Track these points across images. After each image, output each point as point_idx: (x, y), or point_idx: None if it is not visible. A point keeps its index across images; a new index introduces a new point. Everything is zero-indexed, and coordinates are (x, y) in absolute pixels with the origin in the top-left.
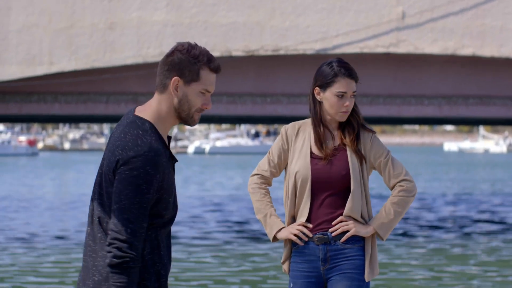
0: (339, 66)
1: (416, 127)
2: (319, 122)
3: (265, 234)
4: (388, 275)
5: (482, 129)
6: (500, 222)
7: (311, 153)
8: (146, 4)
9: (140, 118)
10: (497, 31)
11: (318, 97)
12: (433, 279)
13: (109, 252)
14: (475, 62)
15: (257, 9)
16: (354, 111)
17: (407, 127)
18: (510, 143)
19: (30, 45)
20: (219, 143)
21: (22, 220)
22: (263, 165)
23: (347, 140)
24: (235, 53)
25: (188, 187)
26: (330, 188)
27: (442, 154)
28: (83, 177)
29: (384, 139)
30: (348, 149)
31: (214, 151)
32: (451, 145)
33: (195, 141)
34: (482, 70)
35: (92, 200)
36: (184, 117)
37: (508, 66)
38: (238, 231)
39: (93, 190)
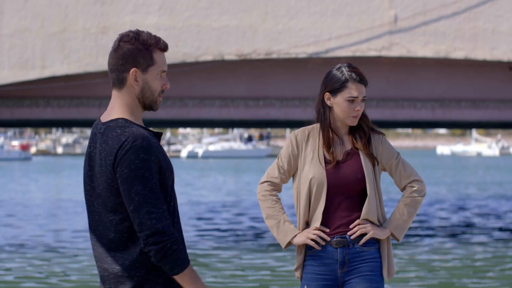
0: (349, 71)
1: (409, 130)
2: (328, 127)
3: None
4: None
5: (475, 133)
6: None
7: (325, 157)
8: (139, 8)
9: (111, 121)
10: (489, 34)
11: (328, 102)
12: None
13: (150, 251)
14: (468, 65)
15: (249, 13)
16: (363, 115)
17: (400, 130)
18: (503, 146)
19: (23, 49)
20: (212, 147)
21: (10, 226)
22: (272, 172)
23: (359, 144)
24: (227, 57)
25: (180, 192)
26: (345, 192)
27: (435, 158)
28: (75, 182)
29: None
30: (360, 153)
31: (207, 155)
32: (444, 149)
33: (188, 145)
34: (475, 73)
35: (97, 222)
36: (149, 104)
37: (500, 69)
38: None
39: (93, 211)
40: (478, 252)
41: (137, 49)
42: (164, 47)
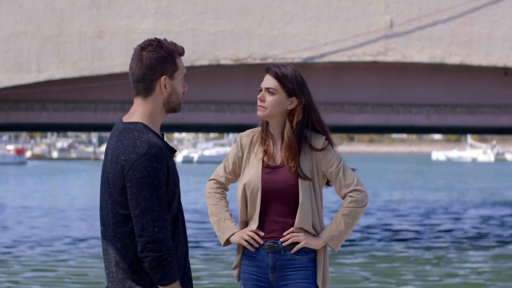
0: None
1: (404, 136)
2: (265, 130)
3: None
4: None
5: (470, 138)
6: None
7: (263, 161)
8: (135, 12)
9: (131, 123)
10: (485, 39)
11: None
12: None
13: (146, 257)
14: (463, 71)
15: (245, 18)
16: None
17: (395, 136)
18: (498, 152)
19: (18, 53)
20: (207, 152)
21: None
22: (219, 171)
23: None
24: (223, 61)
25: None
26: (280, 197)
27: (430, 163)
28: (69, 187)
29: (373, 148)
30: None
31: (202, 160)
32: (439, 154)
33: (183, 150)
34: (470, 79)
35: (104, 217)
36: (174, 107)
37: (495, 74)
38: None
39: (103, 205)
40: (487, 263)
41: (163, 57)
42: (182, 52)
